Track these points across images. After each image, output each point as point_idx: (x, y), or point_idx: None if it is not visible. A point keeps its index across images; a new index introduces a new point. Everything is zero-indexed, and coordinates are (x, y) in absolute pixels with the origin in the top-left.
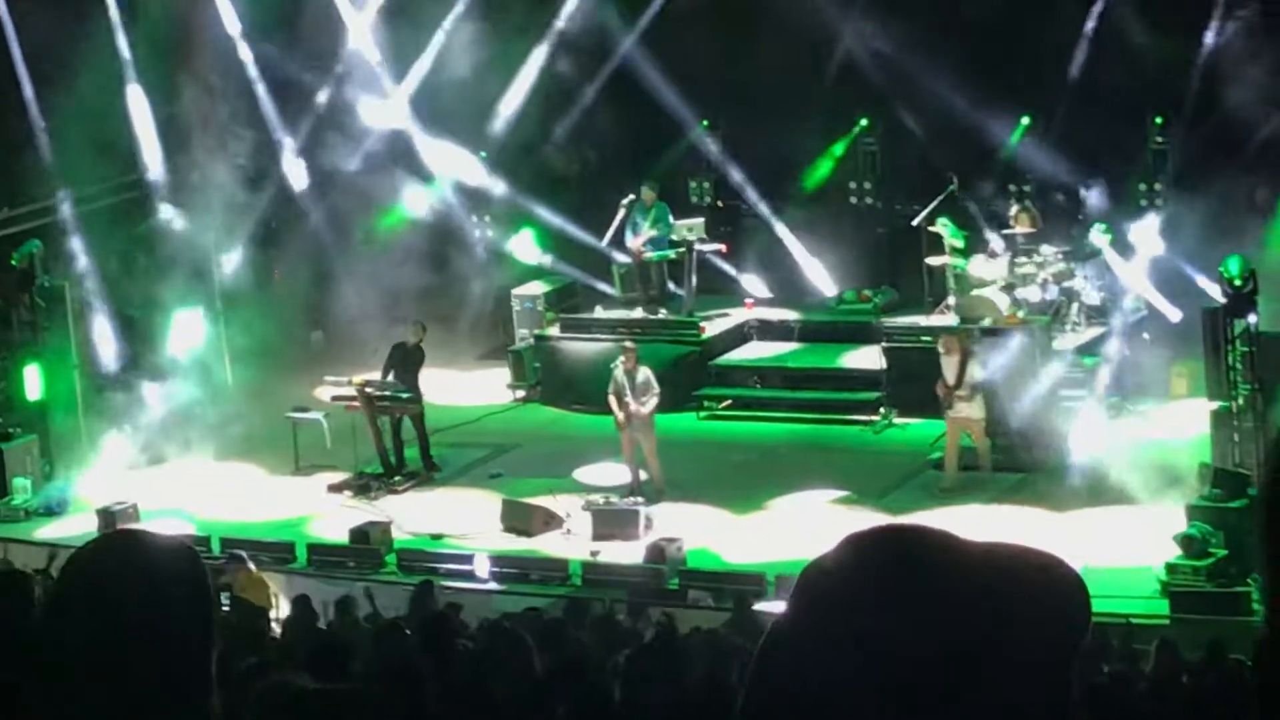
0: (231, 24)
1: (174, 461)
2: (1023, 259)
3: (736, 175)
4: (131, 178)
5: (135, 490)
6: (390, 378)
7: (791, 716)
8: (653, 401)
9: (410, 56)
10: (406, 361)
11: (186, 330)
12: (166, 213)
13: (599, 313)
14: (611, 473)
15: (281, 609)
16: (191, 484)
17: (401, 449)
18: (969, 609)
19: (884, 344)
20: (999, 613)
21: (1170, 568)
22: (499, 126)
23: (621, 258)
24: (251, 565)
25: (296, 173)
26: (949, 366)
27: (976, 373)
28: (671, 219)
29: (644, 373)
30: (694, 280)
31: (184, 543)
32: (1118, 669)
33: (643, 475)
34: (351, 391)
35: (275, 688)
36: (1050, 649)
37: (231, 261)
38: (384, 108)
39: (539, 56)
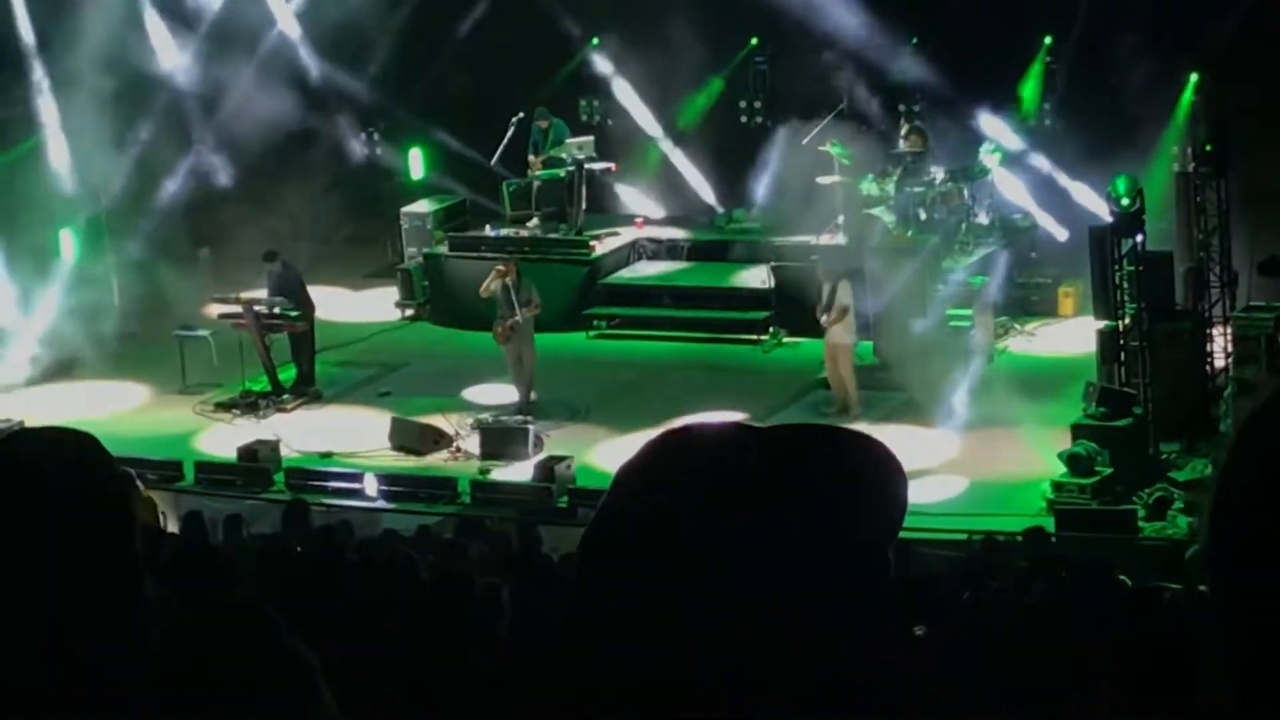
0: None
1: (60, 380)
2: (912, 179)
3: (627, 94)
4: (12, 94)
5: (21, 409)
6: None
7: (616, 600)
8: (532, 311)
9: None
10: (283, 285)
11: (72, 249)
12: (49, 129)
13: (488, 231)
14: (500, 392)
15: (170, 528)
16: (78, 402)
17: (301, 366)
18: (781, 485)
19: (773, 263)
20: (815, 488)
21: (1056, 485)
22: (387, 44)
23: (512, 176)
24: (140, 484)
25: (184, 89)
26: (825, 292)
27: (845, 297)
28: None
29: (526, 285)
30: (583, 199)
31: (85, 432)
32: (1002, 585)
33: (532, 395)
34: (239, 309)
35: None
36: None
37: (117, 178)
38: (272, 23)
39: None
